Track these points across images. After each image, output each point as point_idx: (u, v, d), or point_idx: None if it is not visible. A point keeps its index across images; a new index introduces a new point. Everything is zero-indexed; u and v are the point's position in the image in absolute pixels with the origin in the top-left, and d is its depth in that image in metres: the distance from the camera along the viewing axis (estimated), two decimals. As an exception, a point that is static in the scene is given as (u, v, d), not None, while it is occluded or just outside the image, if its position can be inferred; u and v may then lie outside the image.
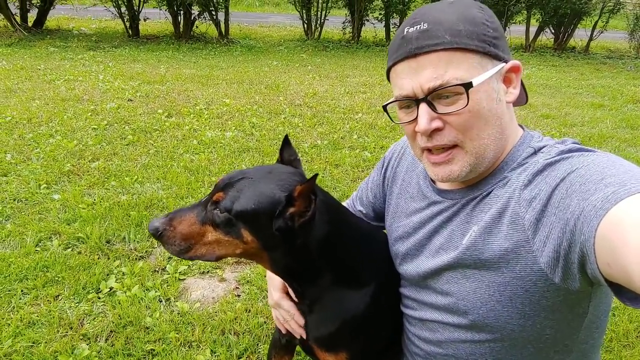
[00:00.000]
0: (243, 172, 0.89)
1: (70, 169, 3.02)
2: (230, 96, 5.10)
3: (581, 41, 10.38)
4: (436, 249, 0.87)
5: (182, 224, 0.85)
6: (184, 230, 0.85)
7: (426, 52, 0.74)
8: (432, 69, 0.74)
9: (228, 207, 0.83)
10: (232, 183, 0.86)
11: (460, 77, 0.74)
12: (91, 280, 1.98)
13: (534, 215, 0.70)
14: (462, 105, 0.74)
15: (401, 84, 0.79)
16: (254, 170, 0.90)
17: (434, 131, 0.77)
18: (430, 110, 0.76)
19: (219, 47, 8.35)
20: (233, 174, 0.89)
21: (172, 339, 1.70)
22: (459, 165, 0.79)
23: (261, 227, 0.83)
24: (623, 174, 0.61)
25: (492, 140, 0.78)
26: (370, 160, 3.46)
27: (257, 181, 0.86)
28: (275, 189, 0.84)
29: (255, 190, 0.84)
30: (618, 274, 0.54)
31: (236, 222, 0.83)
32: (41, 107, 4.26)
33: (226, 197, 0.84)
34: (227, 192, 0.85)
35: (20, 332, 1.69)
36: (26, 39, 7.56)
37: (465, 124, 0.76)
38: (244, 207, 0.82)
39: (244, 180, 0.86)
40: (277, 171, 0.91)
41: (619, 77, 7.73)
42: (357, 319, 0.95)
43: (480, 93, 0.75)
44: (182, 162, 3.23)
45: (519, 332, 0.78)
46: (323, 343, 0.98)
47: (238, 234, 0.84)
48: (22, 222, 2.38)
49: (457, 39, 0.73)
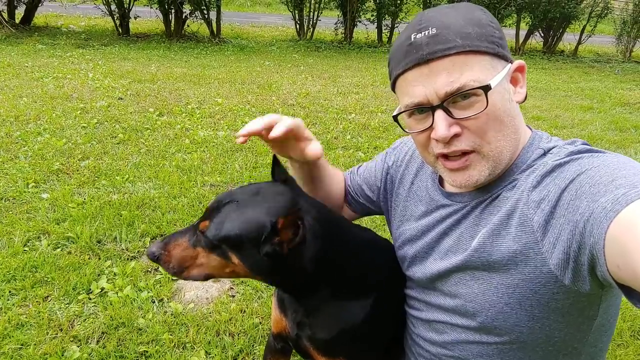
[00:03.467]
0: (231, 193, 0.90)
1: (59, 167, 2.96)
2: (223, 95, 5.06)
3: (570, 45, 10.55)
4: (445, 251, 0.86)
5: (175, 249, 0.89)
6: (178, 255, 0.89)
7: (439, 58, 0.73)
8: (446, 74, 0.73)
9: (213, 234, 0.85)
10: (219, 207, 0.87)
11: (477, 79, 0.72)
12: (82, 280, 1.94)
13: (543, 217, 0.69)
14: (482, 108, 0.73)
15: (413, 92, 0.76)
16: (241, 192, 0.90)
17: (452, 137, 0.76)
18: (447, 116, 0.75)
19: (210, 46, 8.30)
20: (221, 197, 0.90)
21: (166, 340, 1.67)
22: (478, 170, 0.77)
23: (248, 252, 0.84)
24: (633, 175, 0.60)
25: (508, 142, 0.77)
26: (363, 160, 3.45)
27: (242, 205, 0.86)
28: (260, 214, 0.83)
29: (240, 215, 0.85)
30: (628, 276, 0.53)
31: (223, 247, 0.85)
32: (29, 104, 4.17)
33: (211, 224, 0.86)
34: (213, 218, 0.86)
35: (9, 334, 1.64)
36: (13, 36, 7.42)
37: (484, 127, 0.75)
38: (228, 233, 0.83)
39: (230, 204, 0.87)
40: (265, 192, 0.89)
41: (607, 81, 7.86)
42: (357, 327, 0.94)
43: (496, 94, 0.74)
44: (174, 162, 3.19)
45: (527, 335, 0.77)
46: (321, 347, 0.96)
47: (226, 257, 0.86)
48: (10, 221, 2.32)
49: (468, 42, 0.72)
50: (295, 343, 1.02)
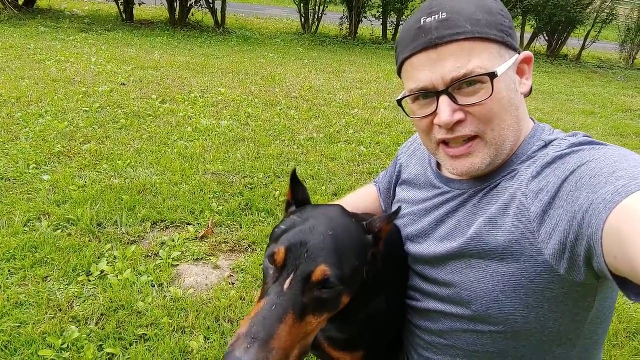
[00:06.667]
0: (301, 231, 0.71)
1: (60, 150, 2.95)
2: (226, 85, 5.04)
3: (573, 49, 10.54)
4: (441, 237, 0.86)
5: (281, 339, 0.61)
6: (287, 344, 0.62)
7: (447, 42, 0.73)
8: (454, 59, 0.73)
9: (339, 276, 0.67)
10: (305, 249, 0.68)
11: (484, 66, 0.73)
12: (82, 262, 1.94)
13: (541, 207, 0.69)
14: (486, 96, 0.73)
15: (419, 77, 0.77)
16: (316, 222, 0.73)
17: (455, 123, 0.76)
18: (452, 102, 0.75)
19: (214, 36, 8.25)
20: (294, 240, 0.70)
21: (165, 325, 1.67)
22: (480, 157, 0.78)
23: (357, 280, 0.73)
24: (634, 167, 0.60)
25: (511, 132, 0.78)
26: (366, 155, 3.46)
27: (336, 232, 0.72)
28: (360, 234, 0.76)
29: (347, 243, 0.71)
30: (624, 267, 0.53)
31: (339, 290, 0.69)
32: (31, 86, 4.15)
33: (332, 267, 0.67)
34: (328, 261, 0.67)
35: (8, 313, 1.64)
36: (16, 18, 7.35)
37: (489, 114, 0.75)
38: (350, 268, 0.70)
39: (324, 238, 0.70)
40: (333, 214, 0.78)
41: (609, 87, 7.87)
42: (380, 319, 0.93)
43: (502, 83, 0.74)
44: (177, 149, 3.18)
45: (522, 324, 0.77)
46: (340, 344, 0.93)
47: (339, 303, 0.71)
48: (10, 201, 2.31)
49: (478, 28, 0.72)
50: None
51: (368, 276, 0.78)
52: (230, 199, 2.61)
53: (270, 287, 0.67)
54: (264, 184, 2.84)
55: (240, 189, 2.73)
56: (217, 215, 2.43)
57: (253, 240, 2.25)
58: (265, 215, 2.49)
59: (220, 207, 2.50)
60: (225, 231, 2.33)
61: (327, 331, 0.92)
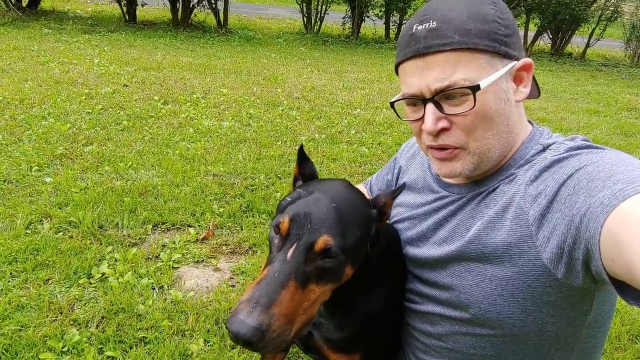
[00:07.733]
0: (307, 202, 0.72)
1: (63, 152, 2.96)
2: (228, 86, 5.05)
3: (578, 47, 10.48)
4: (440, 241, 0.87)
5: (282, 305, 0.62)
6: (289, 310, 0.63)
7: (434, 52, 0.73)
8: (439, 70, 0.73)
9: (341, 246, 0.68)
10: (309, 220, 0.69)
11: (468, 78, 0.72)
12: (83, 265, 1.94)
13: (539, 210, 0.69)
14: (469, 107, 0.74)
15: (409, 82, 0.78)
16: (321, 194, 0.74)
17: (440, 131, 0.77)
18: (437, 110, 0.76)
19: (217, 36, 8.26)
20: (297, 210, 0.71)
21: (165, 327, 1.67)
22: (461, 163, 0.79)
23: (360, 253, 0.74)
24: (632, 171, 0.60)
25: (498, 141, 0.78)
26: (367, 155, 3.45)
27: (340, 204, 0.73)
28: (364, 207, 0.76)
29: (350, 215, 0.72)
30: (622, 271, 0.53)
31: (341, 260, 0.70)
32: (34, 88, 4.17)
33: (334, 237, 0.68)
34: (330, 232, 0.68)
35: (9, 315, 1.64)
36: (20, 19, 7.40)
37: (471, 125, 0.76)
38: (353, 239, 0.70)
39: (328, 209, 0.71)
40: (338, 187, 0.79)
41: (614, 85, 7.81)
42: (376, 319, 0.93)
43: (488, 94, 0.74)
44: (178, 150, 3.19)
45: (520, 328, 0.77)
46: (337, 345, 0.93)
47: (341, 274, 0.72)
48: (12, 203, 2.32)
49: (466, 39, 0.72)
50: (304, 341, 0.98)
51: (372, 252, 0.79)
52: (231, 201, 2.61)
53: (275, 255, 0.69)
54: (265, 185, 2.84)
55: (241, 190, 2.73)
56: (217, 217, 2.43)
57: (254, 242, 2.26)
58: (266, 217, 2.49)
59: (221, 209, 2.50)
60: (226, 233, 2.33)
61: (326, 331, 0.92)
